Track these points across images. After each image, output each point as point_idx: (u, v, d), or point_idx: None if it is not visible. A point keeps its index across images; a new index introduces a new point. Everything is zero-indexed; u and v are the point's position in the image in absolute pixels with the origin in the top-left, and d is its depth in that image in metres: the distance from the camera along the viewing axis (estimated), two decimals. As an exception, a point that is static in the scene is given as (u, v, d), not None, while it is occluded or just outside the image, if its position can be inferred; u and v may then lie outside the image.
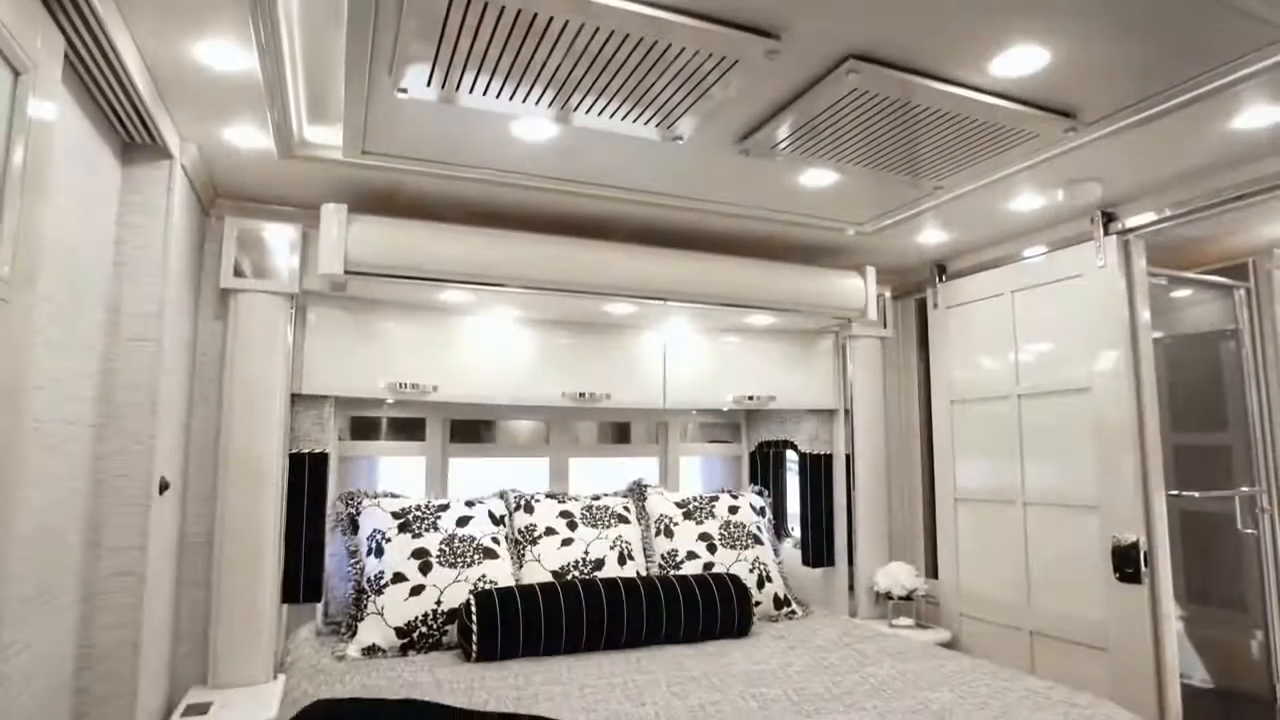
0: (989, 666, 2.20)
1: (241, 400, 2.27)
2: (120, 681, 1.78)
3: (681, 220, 2.68)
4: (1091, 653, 2.54)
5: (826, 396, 3.30)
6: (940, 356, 3.26)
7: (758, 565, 2.92)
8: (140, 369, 1.83)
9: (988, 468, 3.01)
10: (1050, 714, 1.80)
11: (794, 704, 1.93)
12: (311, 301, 2.50)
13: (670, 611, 2.51)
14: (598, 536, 2.79)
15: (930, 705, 1.88)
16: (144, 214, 1.86)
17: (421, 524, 2.57)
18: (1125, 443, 2.45)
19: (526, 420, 3.36)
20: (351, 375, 2.56)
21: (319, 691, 2.00)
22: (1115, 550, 2.43)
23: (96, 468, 1.77)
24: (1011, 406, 2.90)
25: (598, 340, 2.98)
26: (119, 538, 1.79)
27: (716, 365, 3.14)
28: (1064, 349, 2.72)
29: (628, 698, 1.98)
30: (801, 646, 2.48)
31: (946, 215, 2.66)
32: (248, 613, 2.23)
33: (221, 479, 2.25)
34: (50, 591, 1.54)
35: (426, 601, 2.41)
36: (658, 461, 3.56)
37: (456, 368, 2.73)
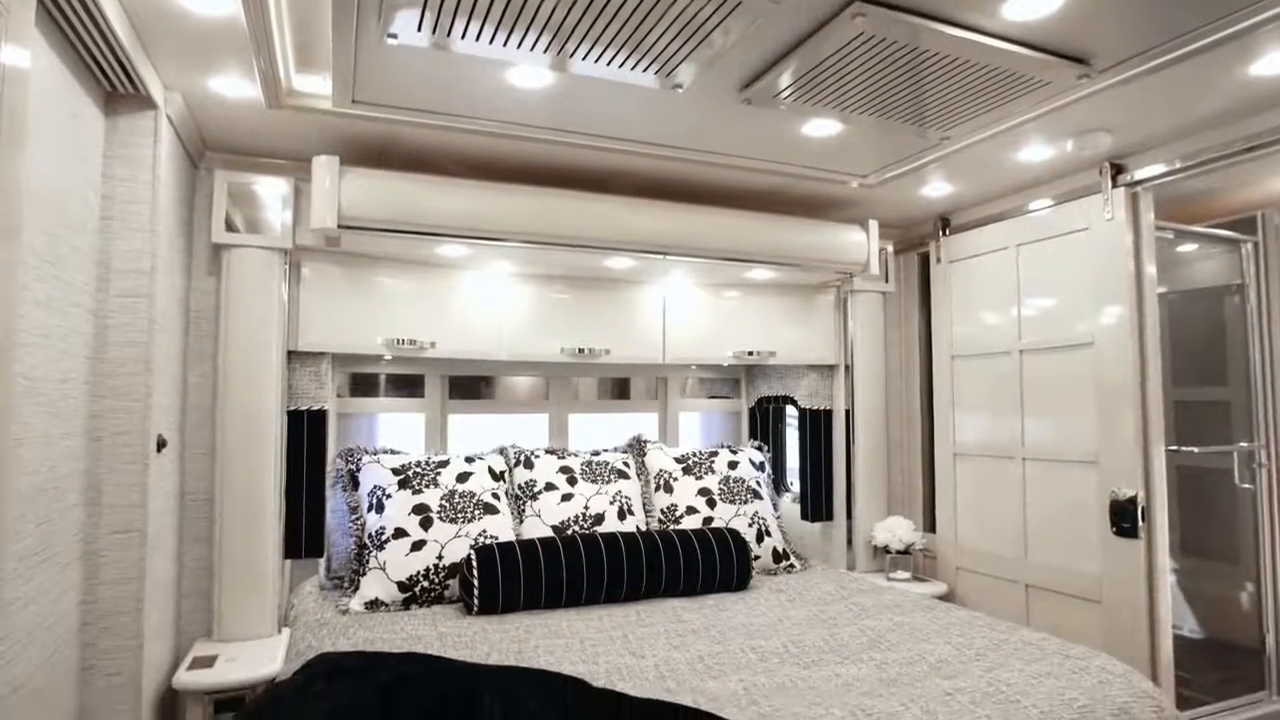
0: (985, 619, 2.23)
1: (237, 357, 2.25)
2: (126, 636, 1.80)
3: (682, 173, 2.63)
4: (1086, 605, 2.57)
5: (827, 352, 3.29)
6: (942, 311, 3.23)
7: (757, 520, 2.94)
8: (133, 326, 1.80)
9: (987, 423, 3.01)
10: (1045, 665, 1.82)
11: (792, 656, 1.95)
12: (306, 257, 2.46)
13: (670, 565, 2.53)
14: (597, 492, 2.80)
15: (927, 657, 1.91)
16: (130, 166, 1.81)
17: (422, 480, 2.57)
18: (1126, 398, 2.44)
19: (526, 376, 3.35)
20: (348, 332, 2.53)
21: (323, 644, 2.02)
22: (1113, 505, 2.44)
23: (92, 425, 1.75)
24: (1013, 362, 2.89)
25: (597, 295, 2.95)
26: (118, 495, 1.79)
27: (717, 320, 3.12)
28: (1067, 304, 2.69)
29: (628, 650, 2.00)
30: (800, 600, 2.51)
31: (952, 167, 2.60)
32: (250, 568, 2.25)
33: (220, 436, 2.24)
34: (51, 548, 1.55)
35: (428, 556, 2.43)
36: (657, 417, 3.56)
37: (454, 324, 2.71)
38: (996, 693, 1.67)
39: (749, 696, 1.67)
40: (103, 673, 1.77)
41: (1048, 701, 1.63)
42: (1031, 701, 1.63)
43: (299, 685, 1.64)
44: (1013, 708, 1.60)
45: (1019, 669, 1.80)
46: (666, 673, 1.83)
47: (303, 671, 1.73)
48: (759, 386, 3.62)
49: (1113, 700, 1.67)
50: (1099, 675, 1.76)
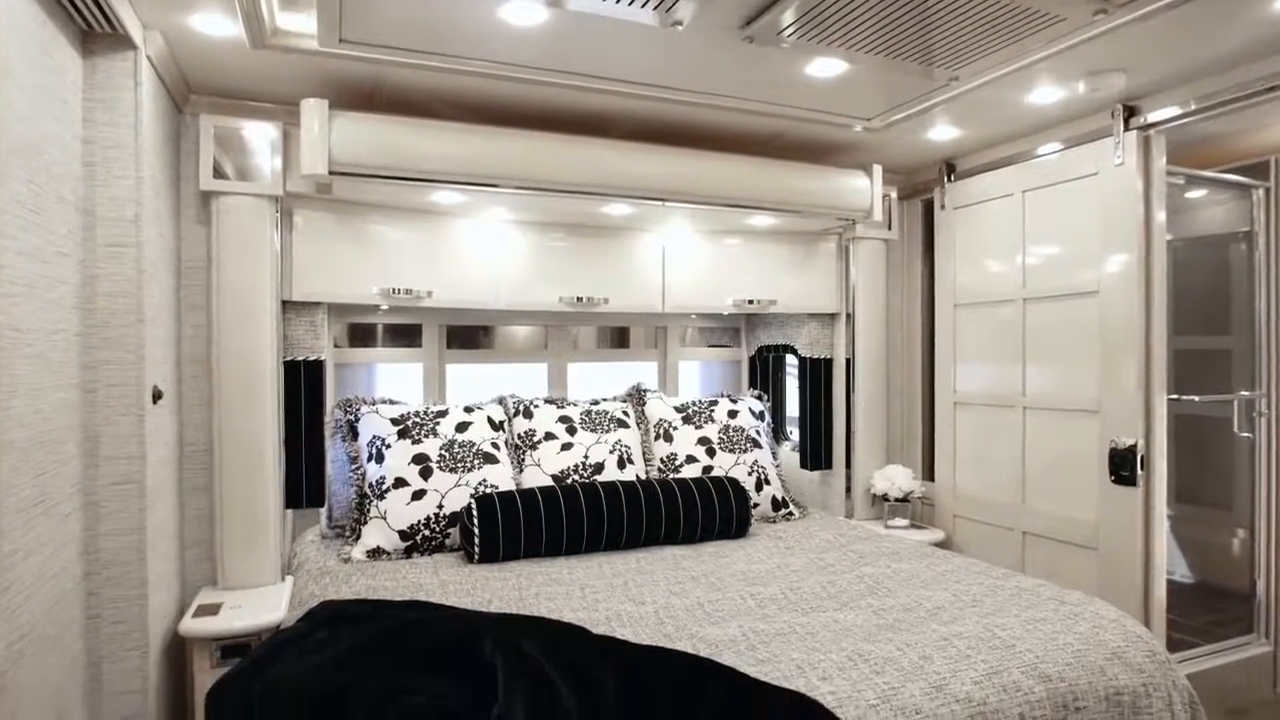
0: (981, 566, 2.25)
1: (231, 307, 2.22)
2: (129, 585, 1.82)
3: (681, 116, 2.55)
4: (1082, 552, 2.60)
5: (828, 300, 3.25)
6: (945, 259, 3.18)
7: (756, 468, 2.95)
8: (122, 276, 1.77)
9: (989, 372, 2.99)
10: (1040, 611, 1.84)
11: (791, 602, 1.97)
12: (297, 204, 2.41)
13: (669, 514, 2.54)
14: (597, 441, 2.80)
15: (924, 603, 1.93)
16: (111, 110, 1.75)
17: (421, 430, 2.57)
18: (1130, 347, 2.42)
19: (524, 325, 3.32)
20: (343, 281, 2.50)
21: (325, 592, 2.04)
22: (1113, 453, 2.44)
23: (86, 377, 1.74)
24: (1016, 310, 2.86)
25: (595, 243, 2.90)
26: (115, 447, 1.78)
27: (717, 268, 3.07)
28: (1073, 251, 2.64)
29: (628, 597, 2.02)
30: (798, 547, 2.53)
31: (960, 109, 2.53)
32: (251, 517, 2.26)
33: (216, 387, 2.23)
34: (50, 500, 1.54)
35: (428, 505, 2.44)
36: (657, 366, 3.54)
37: (451, 272, 2.67)
38: (992, 638, 1.69)
39: (748, 642, 1.69)
40: (108, 621, 1.79)
41: (1043, 646, 1.65)
42: (1026, 646, 1.65)
43: (302, 632, 1.65)
44: (1008, 653, 1.62)
45: (1015, 615, 1.82)
46: (666, 619, 1.86)
47: (306, 619, 1.75)
48: (759, 335, 3.60)
49: (1106, 645, 1.69)
50: (1093, 620, 1.79)
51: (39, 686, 1.47)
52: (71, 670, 1.66)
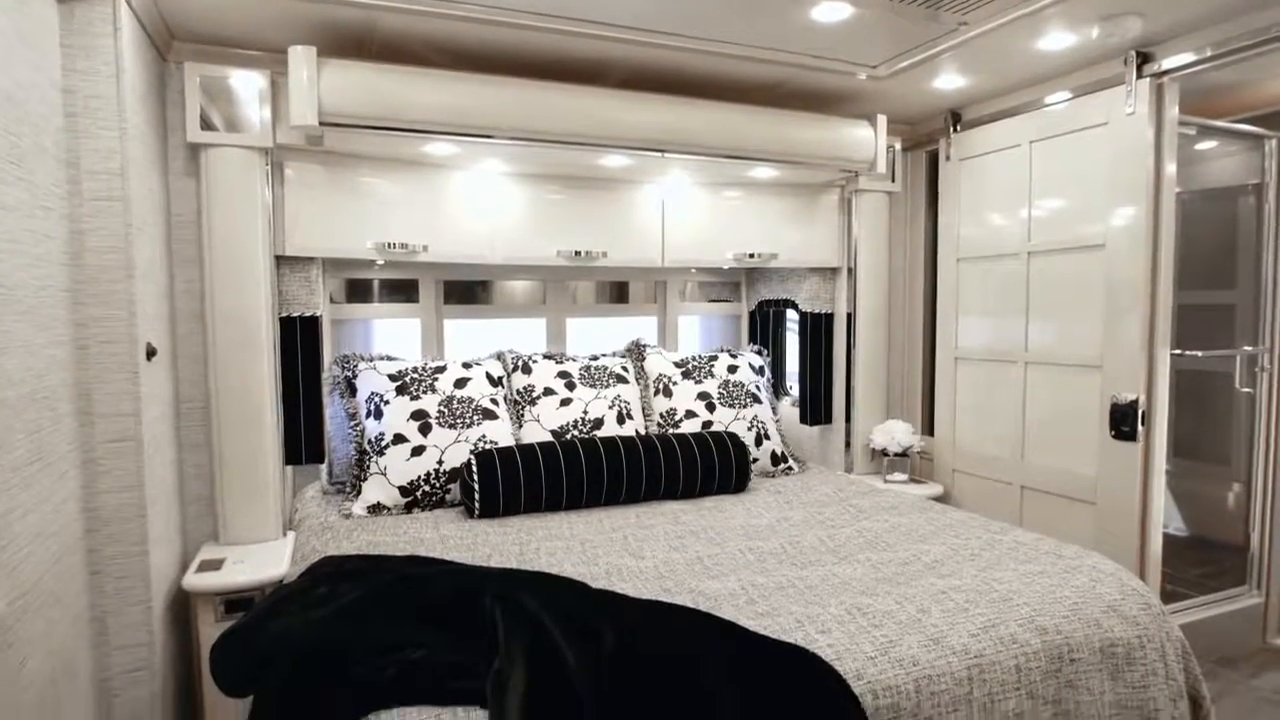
0: (980, 520, 2.26)
1: (223, 262, 2.18)
2: (130, 541, 1.82)
3: (681, 63, 2.48)
4: (1080, 506, 2.61)
5: (829, 254, 3.21)
6: (949, 212, 3.13)
7: (756, 423, 2.95)
8: (109, 230, 1.73)
9: (991, 327, 2.97)
10: (1038, 565, 1.85)
11: (790, 556, 1.98)
12: (288, 157, 2.35)
13: (669, 468, 2.55)
14: (596, 396, 2.79)
15: (922, 557, 1.94)
16: (91, 58, 1.69)
17: (419, 386, 2.55)
18: (1135, 301, 2.39)
19: (522, 280, 3.28)
20: (336, 235, 2.46)
21: (327, 548, 2.05)
22: (1114, 409, 2.43)
23: (78, 334, 1.71)
24: (1020, 264, 2.82)
25: (593, 196, 2.85)
26: (110, 404, 1.76)
27: (717, 222, 3.03)
28: (1080, 204, 2.60)
29: (628, 551, 2.04)
30: (798, 501, 2.54)
31: (967, 56, 2.45)
32: (251, 473, 2.26)
33: (211, 344, 2.20)
34: (46, 458, 1.53)
35: (428, 461, 2.44)
36: (656, 321, 3.52)
37: (447, 227, 2.62)
38: (990, 591, 1.70)
39: (747, 596, 1.71)
40: (111, 576, 1.80)
41: (1040, 599, 1.66)
42: (1024, 600, 1.66)
43: (304, 587, 1.66)
44: (1005, 606, 1.63)
45: (1012, 568, 1.83)
46: (665, 573, 1.87)
47: (307, 574, 1.76)
48: (759, 290, 3.57)
49: (1103, 598, 1.70)
50: (1090, 574, 1.80)
51: (44, 640, 1.49)
52: (76, 625, 1.67)
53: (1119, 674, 1.61)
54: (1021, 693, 1.50)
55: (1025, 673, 1.51)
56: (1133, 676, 1.62)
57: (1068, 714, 1.54)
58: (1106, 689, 1.59)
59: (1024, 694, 1.50)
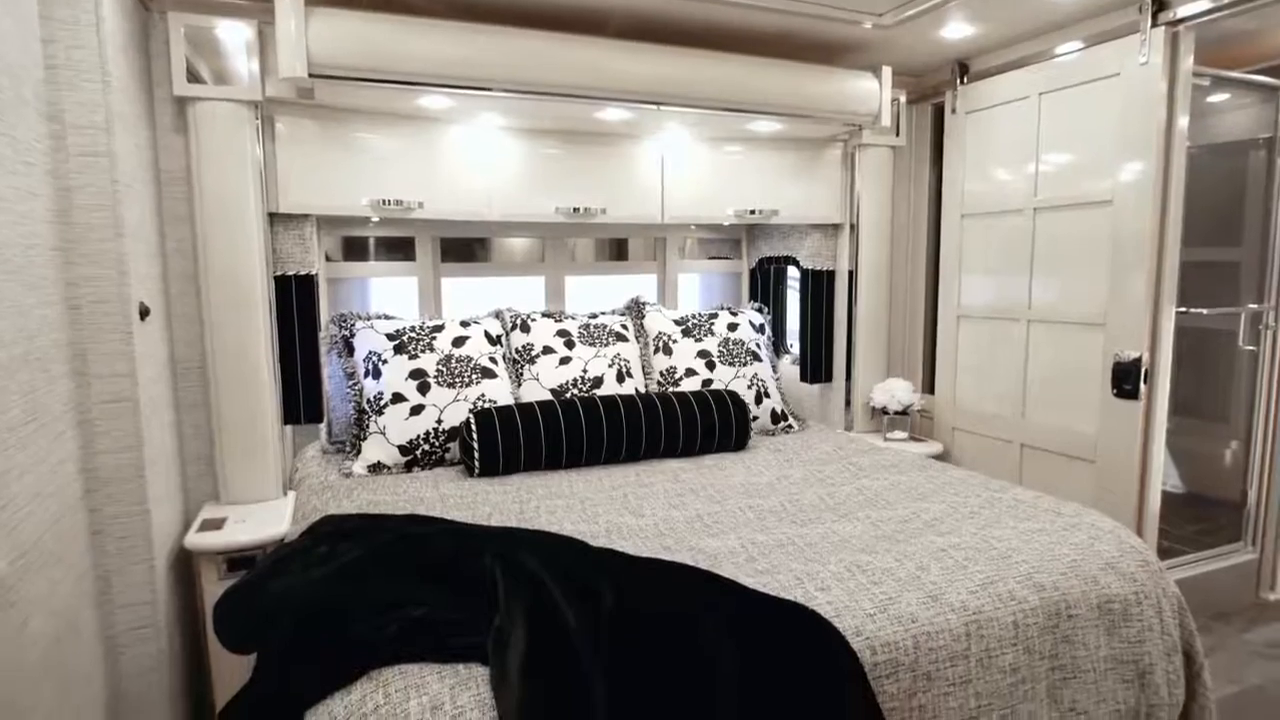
0: (979, 478, 2.26)
1: (215, 220, 2.14)
2: (131, 501, 1.82)
3: (681, 12, 2.40)
4: (1079, 464, 2.62)
5: (832, 210, 3.16)
6: (954, 167, 3.08)
7: (756, 382, 2.94)
8: (96, 187, 1.69)
9: (994, 284, 2.94)
10: (1037, 522, 1.86)
11: (789, 514, 1.99)
12: (278, 111, 2.29)
13: (669, 427, 2.55)
14: (596, 355, 2.78)
15: (922, 515, 1.94)
16: (71, 6, 1.63)
17: (417, 345, 2.54)
18: (1142, 258, 2.36)
19: (520, 238, 3.24)
20: (330, 192, 2.41)
21: (327, 507, 2.06)
22: (1116, 367, 2.42)
23: (69, 294, 1.68)
24: (1025, 221, 2.78)
25: (592, 151, 2.79)
26: (105, 365, 1.75)
27: (717, 177, 2.97)
28: (1088, 158, 2.55)
29: (628, 510, 2.04)
30: (797, 460, 2.54)
31: (977, 3, 2.38)
32: (250, 433, 2.25)
33: (205, 303, 2.18)
34: (41, 419, 1.52)
35: (427, 420, 2.43)
36: (656, 279, 3.49)
37: (443, 183, 2.57)
38: (989, 549, 1.70)
39: (746, 554, 1.71)
40: (113, 536, 1.81)
41: (1039, 557, 1.67)
42: (1022, 557, 1.67)
43: (305, 547, 1.67)
44: (1004, 563, 1.64)
45: (1011, 526, 1.84)
46: (665, 531, 1.87)
47: (308, 534, 1.76)
48: (760, 247, 3.53)
49: (1101, 555, 1.71)
50: (1089, 531, 1.80)
51: (47, 600, 1.49)
52: (80, 584, 1.68)
53: (1115, 629, 1.63)
54: (1018, 648, 1.51)
55: (1023, 629, 1.52)
56: (1128, 632, 1.63)
57: (1063, 668, 1.56)
58: (1102, 644, 1.61)
59: (1020, 649, 1.52)
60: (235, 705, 1.36)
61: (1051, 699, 1.54)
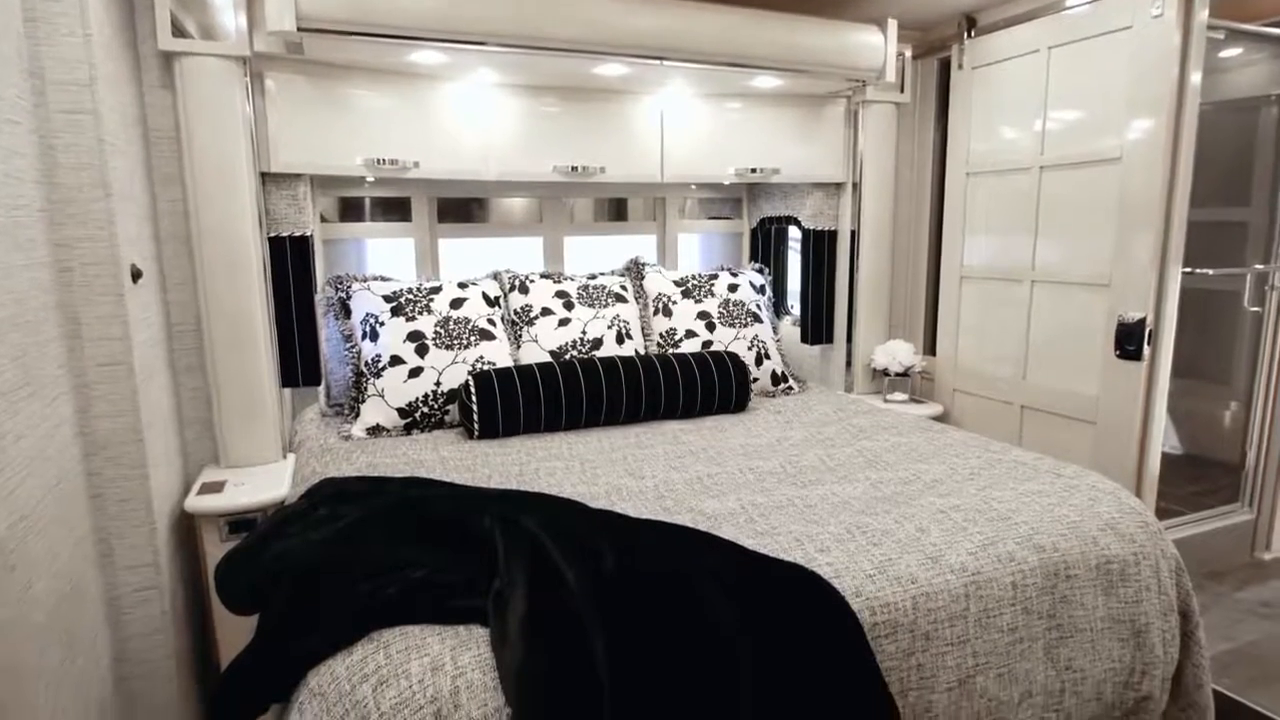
0: (979, 440, 2.25)
1: (206, 180, 2.10)
2: (130, 465, 1.81)
3: (682, -38, 2.33)
4: (1079, 426, 2.61)
5: (834, 169, 3.11)
6: (960, 124, 3.02)
7: (756, 343, 2.92)
8: (81, 146, 1.64)
9: (998, 244, 2.90)
10: (1037, 484, 1.86)
11: (789, 476, 1.99)
12: (268, 67, 2.23)
13: (669, 388, 2.54)
14: (595, 316, 2.76)
15: (922, 476, 1.94)
16: (47, -45, 1.57)
17: (414, 307, 2.51)
18: (1149, 218, 2.33)
19: (518, 197, 3.19)
20: (323, 151, 2.36)
21: (327, 470, 2.05)
22: (1120, 328, 2.40)
23: (59, 256, 1.65)
24: (1031, 179, 2.73)
25: (590, 109, 2.73)
26: (98, 329, 1.72)
27: (718, 135, 2.92)
28: (1097, 115, 2.49)
29: (627, 471, 2.04)
30: (797, 421, 2.54)
31: (987, -47, 2.31)
32: (248, 396, 2.24)
33: (199, 265, 2.15)
34: (35, 383, 1.51)
35: (426, 383, 2.42)
36: (655, 239, 3.45)
37: (438, 141, 2.52)
38: (989, 510, 1.71)
39: (746, 515, 1.71)
40: (113, 499, 1.80)
41: (1038, 518, 1.67)
42: (1023, 518, 1.67)
43: (305, 509, 1.67)
44: (1004, 524, 1.64)
45: (1011, 487, 1.84)
46: (665, 493, 1.87)
47: (308, 496, 1.76)
48: (761, 206, 3.48)
49: (1101, 516, 1.71)
50: (1089, 493, 1.80)
51: (49, 563, 1.49)
52: (81, 547, 1.68)
53: (1113, 589, 1.64)
54: (1017, 608, 1.52)
55: (1021, 589, 1.53)
56: (1126, 592, 1.64)
57: (1061, 627, 1.57)
58: (1100, 604, 1.62)
59: (1019, 609, 1.52)
60: (238, 665, 1.37)
61: (1048, 658, 1.56)
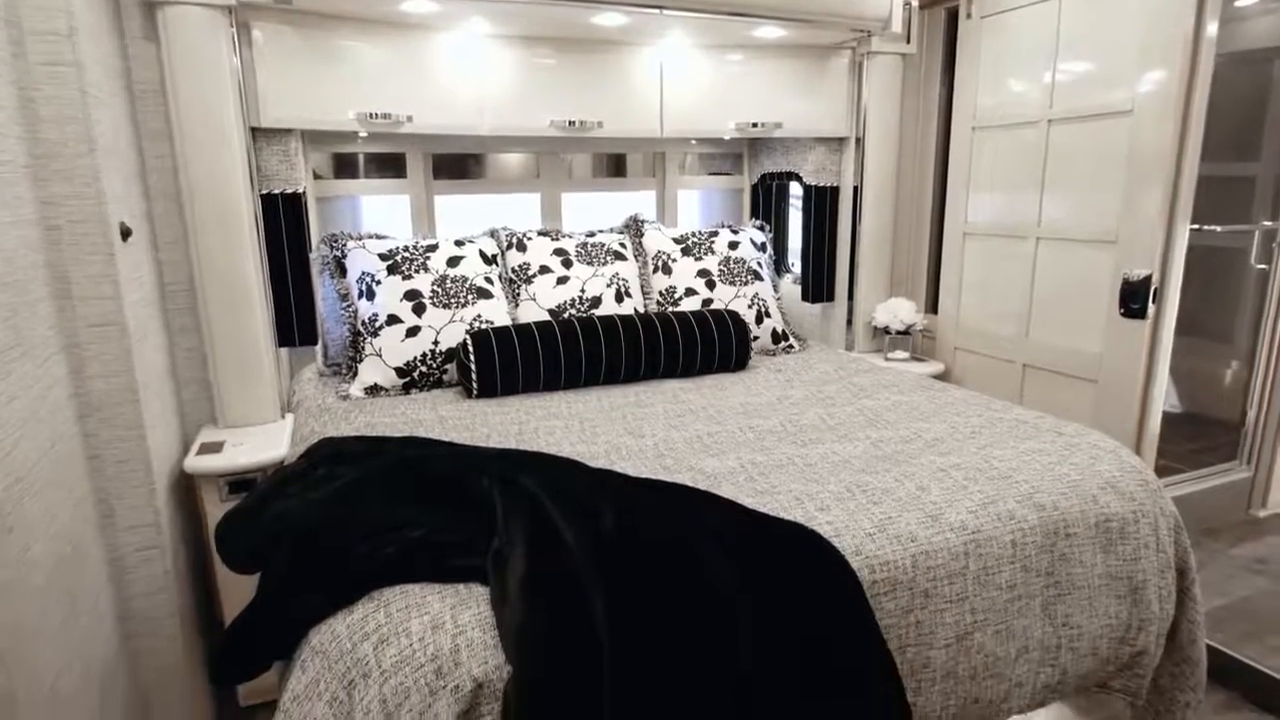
0: (981, 398, 2.24)
1: (194, 135, 2.05)
2: (126, 425, 1.80)
3: (682, -95, 2.24)
4: (1080, 384, 2.60)
5: (837, 123, 3.04)
6: (967, 76, 2.94)
7: (757, 301, 2.90)
8: (64, 100, 1.59)
9: (1003, 200, 2.85)
10: (1038, 442, 1.85)
11: (790, 434, 1.98)
12: (254, 17, 2.16)
13: (668, 347, 2.52)
14: (594, 274, 2.72)
15: (923, 435, 1.93)
16: (19, -103, 1.51)
17: (411, 265, 2.48)
18: (1158, 173, 2.28)
19: (514, 153, 3.13)
20: (314, 105, 2.30)
21: (325, 430, 2.04)
22: (1125, 285, 2.37)
23: (45, 214, 1.62)
24: (1039, 133, 2.67)
25: (588, 61, 2.66)
26: (88, 288, 1.69)
27: (719, 88, 2.84)
28: (1109, 67, 2.43)
29: (627, 430, 2.03)
30: (798, 380, 2.52)
31: (1000, -105, 2.22)
32: (244, 356, 2.22)
33: (190, 223, 2.10)
34: (25, 343, 1.48)
35: (423, 342, 2.40)
36: (655, 196, 3.39)
37: (432, 95, 2.46)
38: (989, 468, 1.70)
39: (746, 474, 1.71)
40: (111, 460, 1.79)
41: (1039, 477, 1.67)
42: (1023, 477, 1.66)
43: (303, 470, 1.66)
44: (1004, 483, 1.64)
45: (1012, 446, 1.83)
46: (665, 452, 1.87)
47: (306, 456, 1.75)
48: (762, 162, 3.42)
49: (1101, 475, 1.71)
50: (1090, 451, 1.80)
51: (47, 524, 1.49)
52: (81, 508, 1.68)
53: (1111, 547, 1.64)
54: (1015, 565, 1.53)
55: (1020, 547, 1.53)
56: (1125, 550, 1.65)
57: (1059, 584, 1.58)
58: (1098, 561, 1.62)
59: (1018, 567, 1.53)
60: (240, 624, 1.38)
61: (1045, 614, 1.57)
